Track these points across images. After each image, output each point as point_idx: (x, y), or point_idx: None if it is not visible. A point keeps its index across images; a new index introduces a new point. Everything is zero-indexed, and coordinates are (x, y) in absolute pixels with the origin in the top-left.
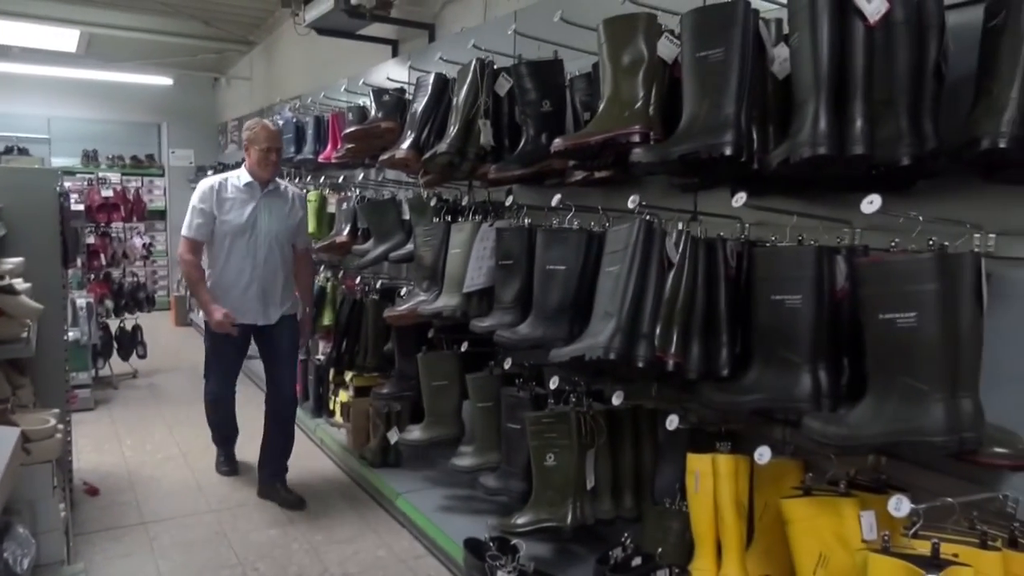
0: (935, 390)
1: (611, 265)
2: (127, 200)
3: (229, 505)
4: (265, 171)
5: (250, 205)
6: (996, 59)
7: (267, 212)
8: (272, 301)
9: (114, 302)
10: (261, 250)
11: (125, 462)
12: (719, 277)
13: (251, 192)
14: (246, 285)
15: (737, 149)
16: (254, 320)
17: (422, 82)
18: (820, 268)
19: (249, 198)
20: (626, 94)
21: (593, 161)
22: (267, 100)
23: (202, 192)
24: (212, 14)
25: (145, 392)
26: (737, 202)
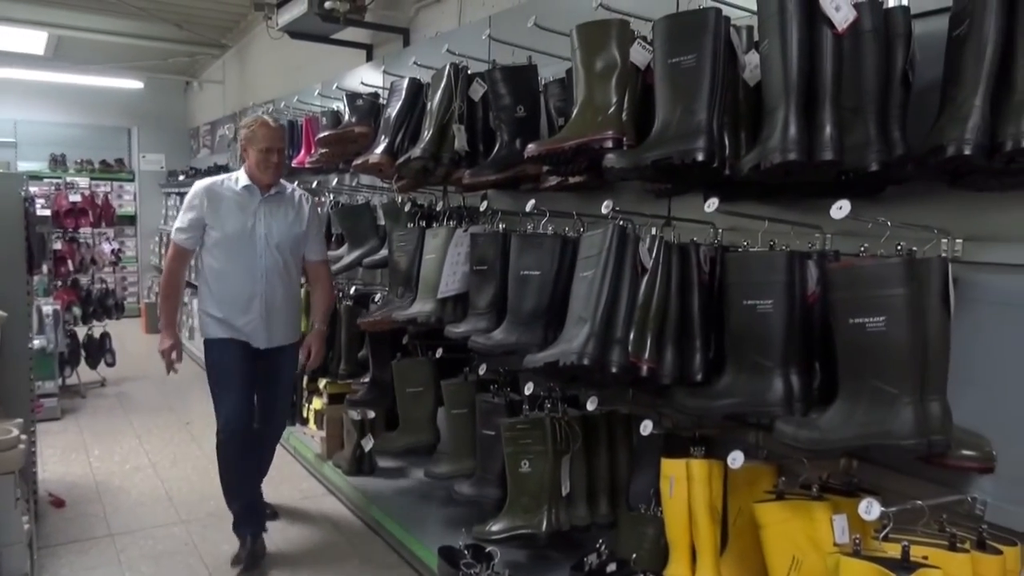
0: (904, 393)
1: (585, 270)
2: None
3: (199, 516)
4: (265, 174)
5: (248, 210)
6: (960, 67)
7: (268, 219)
8: (277, 321)
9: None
10: (261, 262)
11: (92, 473)
12: (692, 282)
13: (250, 196)
14: (247, 302)
15: (709, 155)
16: (257, 343)
17: (396, 87)
18: (791, 273)
19: (247, 203)
20: (599, 100)
21: (567, 166)
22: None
23: (192, 195)
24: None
25: (113, 401)
26: (710, 208)
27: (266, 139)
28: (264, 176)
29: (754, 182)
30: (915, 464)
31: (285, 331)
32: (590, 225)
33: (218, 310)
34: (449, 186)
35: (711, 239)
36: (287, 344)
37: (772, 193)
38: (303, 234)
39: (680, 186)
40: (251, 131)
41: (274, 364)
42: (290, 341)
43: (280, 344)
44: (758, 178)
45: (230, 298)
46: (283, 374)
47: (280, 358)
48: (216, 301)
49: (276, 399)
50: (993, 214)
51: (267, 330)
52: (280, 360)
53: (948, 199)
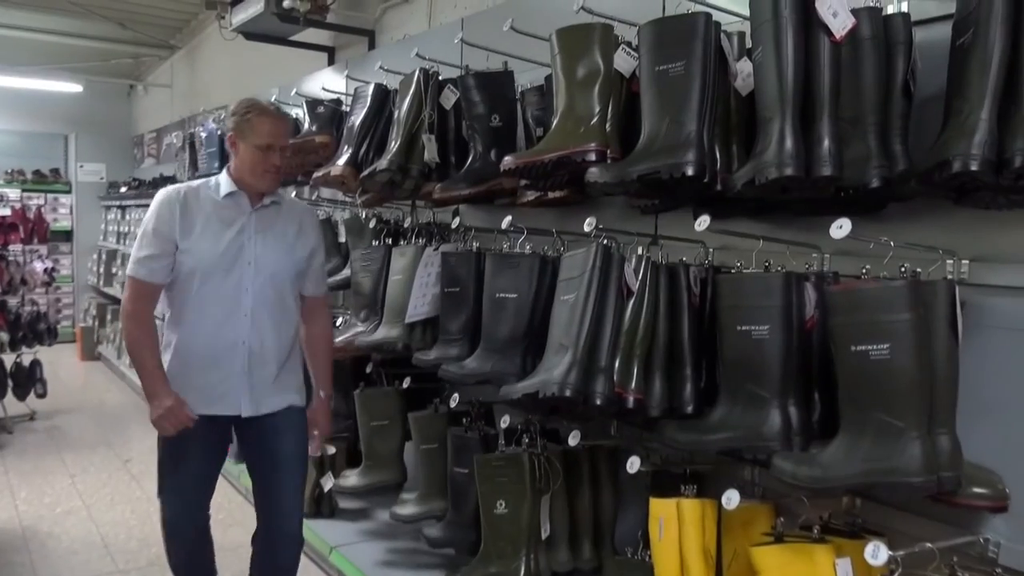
0: (911, 427)
1: (566, 293)
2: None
3: (139, 564)
4: (262, 180)
5: (233, 227)
6: (965, 79)
7: (260, 238)
8: (265, 379)
9: (9, 334)
10: (248, 298)
11: (18, 517)
12: (682, 306)
13: (236, 207)
14: (224, 352)
15: (700, 169)
16: (235, 409)
17: (360, 93)
18: (788, 296)
19: (233, 216)
20: (581, 109)
21: (546, 181)
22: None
23: (159, 206)
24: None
25: (44, 436)
26: (700, 226)
27: (267, 133)
28: (260, 182)
29: (748, 198)
30: (923, 503)
31: (281, 391)
32: (571, 244)
33: (178, 362)
34: (418, 201)
35: (702, 259)
36: (287, 409)
37: (767, 210)
38: (306, 260)
39: (668, 202)
40: (244, 120)
41: (270, 438)
42: (289, 404)
43: (274, 409)
44: (752, 194)
45: (200, 348)
46: (286, 452)
47: (280, 429)
48: (177, 351)
49: (281, 484)
50: (1001, 233)
51: (251, 391)
52: (280, 432)
53: (954, 217)
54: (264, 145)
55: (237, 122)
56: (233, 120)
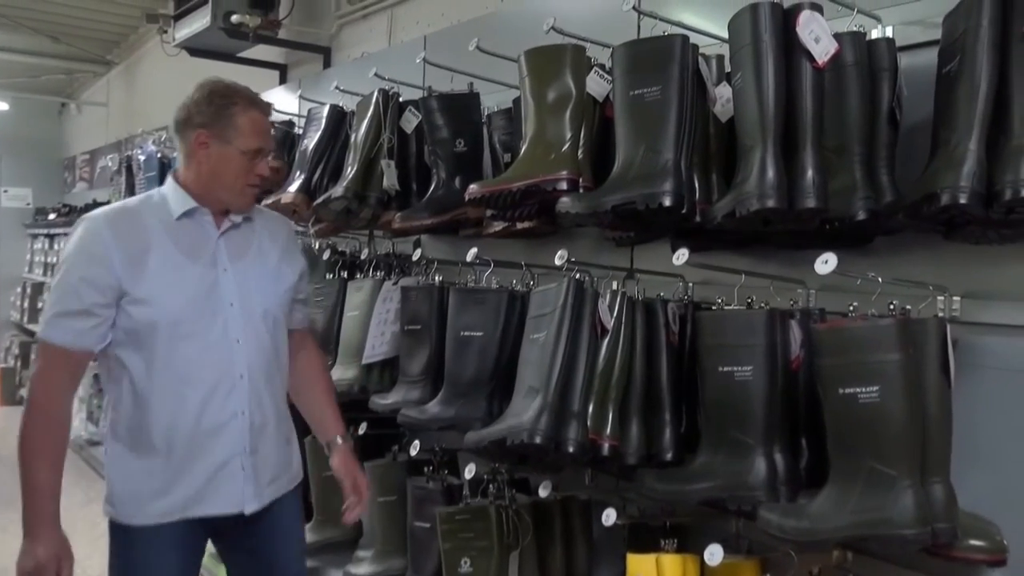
0: (903, 475)
1: (536, 332)
2: None
3: None
4: (242, 196)
5: (200, 258)
6: (952, 108)
7: (237, 267)
8: (268, 457)
9: None
10: (241, 349)
11: None
12: (660, 345)
13: (198, 230)
14: (217, 432)
15: (677, 199)
16: (234, 506)
17: (314, 115)
18: (772, 334)
19: (196, 243)
20: (551, 135)
21: (514, 210)
22: (127, 130)
23: (84, 242)
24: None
25: None
26: (678, 259)
27: (258, 132)
28: (238, 199)
29: (728, 230)
30: (917, 556)
31: (284, 470)
32: (541, 278)
33: (140, 456)
34: (376, 231)
35: (681, 295)
36: (289, 494)
37: (749, 243)
38: (296, 286)
39: (644, 234)
40: (223, 112)
41: (267, 542)
42: (292, 485)
43: (278, 495)
44: (733, 226)
45: (180, 433)
46: (285, 561)
47: (279, 527)
48: (139, 441)
49: None
50: (994, 269)
51: (255, 477)
52: (278, 531)
53: (944, 252)
54: (253, 149)
55: (212, 115)
56: (204, 111)
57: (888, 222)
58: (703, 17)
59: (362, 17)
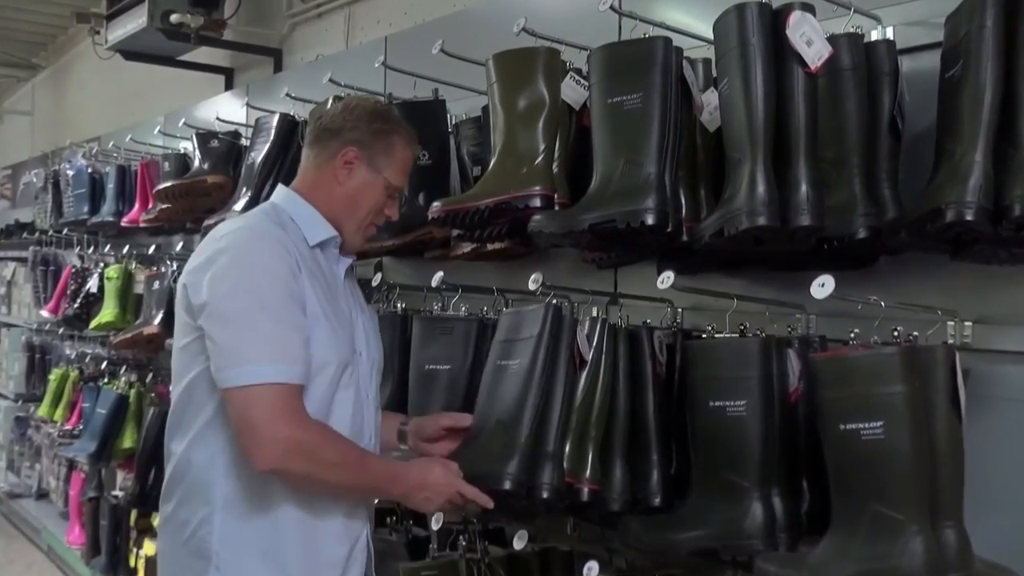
0: (911, 519)
1: (506, 358)
2: None
3: None
4: (361, 235)
5: (337, 294)
6: (956, 116)
7: (356, 311)
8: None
9: None
10: (370, 407)
11: None
12: (646, 377)
13: (330, 262)
14: (354, 508)
15: (661, 217)
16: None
17: (263, 124)
18: (768, 365)
19: (331, 276)
20: (523, 146)
21: (483, 230)
22: (53, 142)
23: (266, 246)
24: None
25: None
26: (663, 283)
27: (407, 171)
28: (357, 236)
29: (718, 251)
30: None
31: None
32: (515, 304)
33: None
34: None
35: (669, 321)
36: None
37: (742, 264)
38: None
39: (627, 256)
40: (384, 138)
41: None
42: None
43: None
44: (722, 246)
45: (323, 505)
46: None
47: None
48: (277, 519)
49: None
50: (1007, 291)
51: (367, 560)
52: None
53: (954, 273)
54: (397, 187)
55: (371, 135)
56: (363, 128)
57: (891, 241)
58: (689, 16)
59: (316, 16)
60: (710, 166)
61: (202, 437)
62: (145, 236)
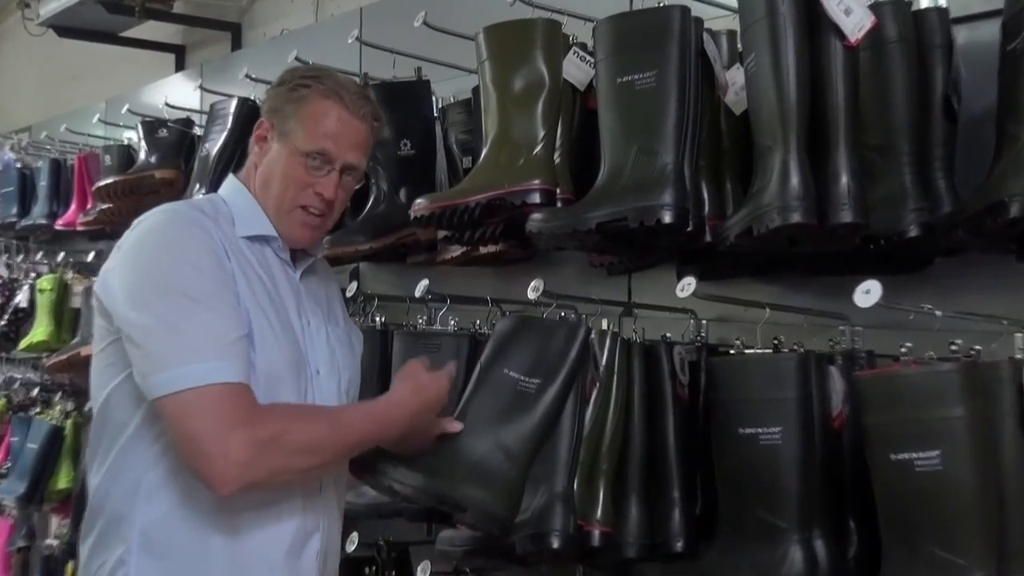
0: (974, 565)
1: (512, 367)
2: None
3: None
4: (287, 221)
5: (285, 298)
6: (1019, 94)
7: (317, 321)
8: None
9: None
10: None
11: None
12: (665, 401)
13: (276, 262)
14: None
15: (680, 215)
16: None
17: (219, 110)
18: (806, 385)
19: (278, 277)
20: (520, 134)
21: (474, 231)
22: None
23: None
24: None
25: None
26: (684, 291)
27: (326, 130)
28: (283, 223)
29: (747, 253)
30: None
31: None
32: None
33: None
34: None
35: (691, 335)
36: None
37: (774, 268)
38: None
39: (640, 260)
40: (291, 95)
41: None
42: None
43: None
44: (750, 248)
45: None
46: None
47: None
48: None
49: None
50: None
51: None
52: None
53: (1020, 276)
54: (311, 151)
55: (280, 98)
56: (275, 93)
57: (947, 239)
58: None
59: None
60: (736, 155)
61: (121, 463)
62: (84, 241)
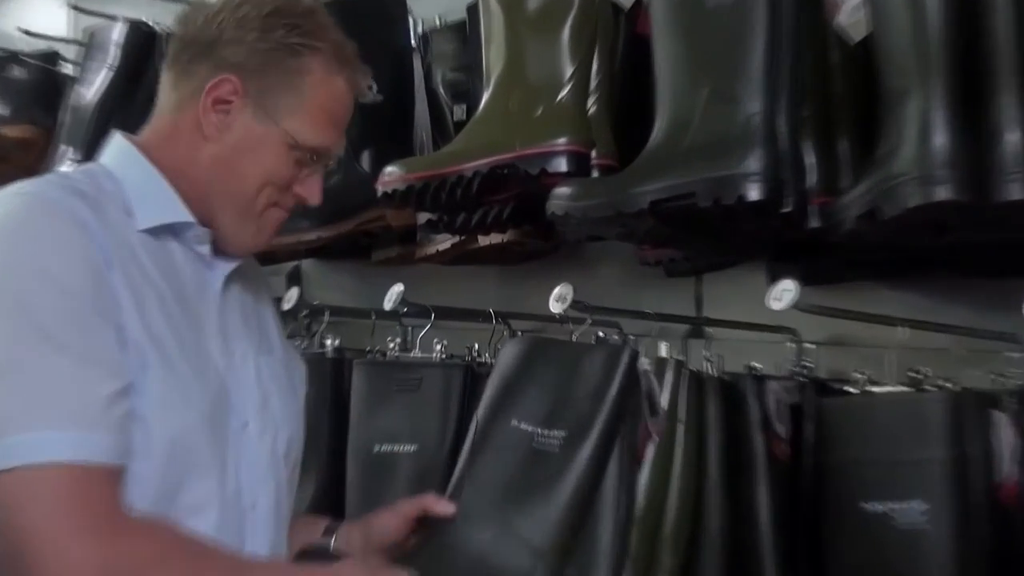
0: None
1: (527, 420)
2: None
3: None
4: (252, 227)
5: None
6: None
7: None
8: None
9: None
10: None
11: None
12: (755, 462)
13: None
14: None
15: (772, 188)
16: None
17: (100, 39)
18: (961, 440)
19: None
20: (538, 72)
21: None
22: None
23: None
24: None
25: None
26: (780, 300)
27: (333, 117)
28: (246, 230)
29: (870, 245)
30: None
31: None
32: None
33: None
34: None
35: (790, 364)
36: None
37: (911, 267)
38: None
39: (715, 254)
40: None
41: None
42: None
43: None
44: (877, 237)
45: None
46: None
47: None
48: None
49: None
50: None
51: None
52: None
53: None
54: (312, 146)
55: (263, 55)
56: (251, 41)
57: None
58: None
59: None
60: (853, 103)
61: None
62: None
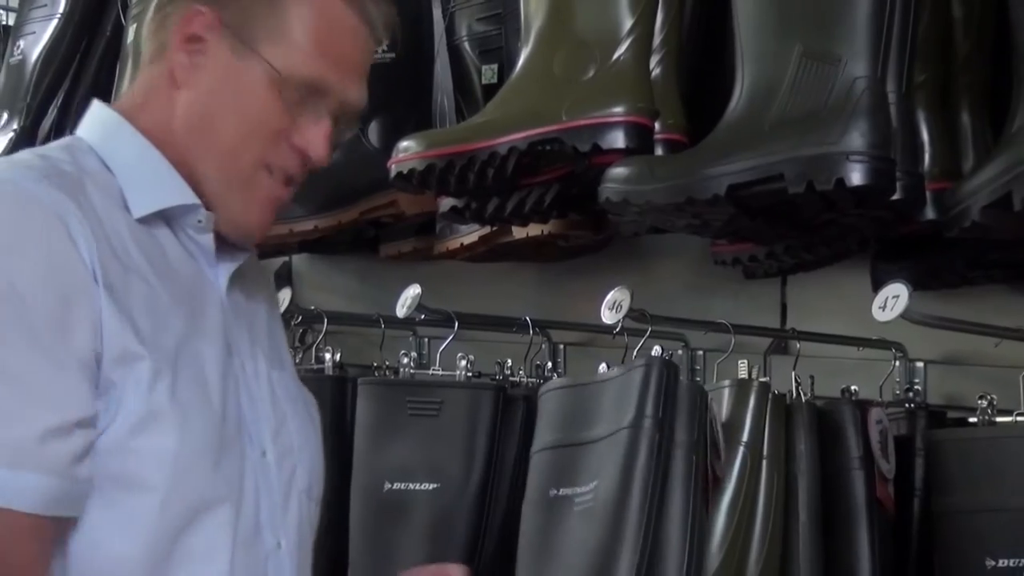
0: None
1: (567, 483)
2: None
3: None
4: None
5: (208, 335)
6: None
7: (262, 369)
8: None
9: None
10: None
11: None
12: (855, 506)
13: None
14: None
15: (880, 171)
16: None
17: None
18: None
19: (189, 286)
20: (589, 25)
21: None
22: None
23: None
24: None
25: None
26: (887, 309)
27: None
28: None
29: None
30: None
31: None
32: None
33: None
34: None
35: (897, 388)
36: None
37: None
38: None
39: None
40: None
41: None
42: None
43: None
44: (1009, 233)
45: None
46: None
47: None
48: None
49: None
50: None
51: None
52: None
53: None
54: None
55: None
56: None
57: None
58: None
59: None
60: (979, 68)
61: None
62: None
